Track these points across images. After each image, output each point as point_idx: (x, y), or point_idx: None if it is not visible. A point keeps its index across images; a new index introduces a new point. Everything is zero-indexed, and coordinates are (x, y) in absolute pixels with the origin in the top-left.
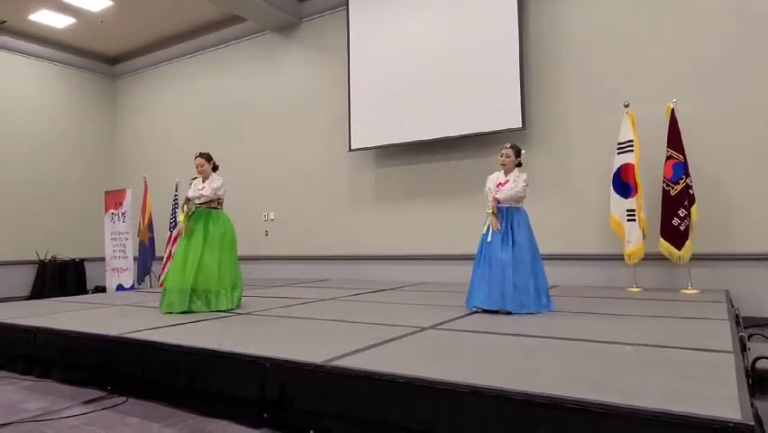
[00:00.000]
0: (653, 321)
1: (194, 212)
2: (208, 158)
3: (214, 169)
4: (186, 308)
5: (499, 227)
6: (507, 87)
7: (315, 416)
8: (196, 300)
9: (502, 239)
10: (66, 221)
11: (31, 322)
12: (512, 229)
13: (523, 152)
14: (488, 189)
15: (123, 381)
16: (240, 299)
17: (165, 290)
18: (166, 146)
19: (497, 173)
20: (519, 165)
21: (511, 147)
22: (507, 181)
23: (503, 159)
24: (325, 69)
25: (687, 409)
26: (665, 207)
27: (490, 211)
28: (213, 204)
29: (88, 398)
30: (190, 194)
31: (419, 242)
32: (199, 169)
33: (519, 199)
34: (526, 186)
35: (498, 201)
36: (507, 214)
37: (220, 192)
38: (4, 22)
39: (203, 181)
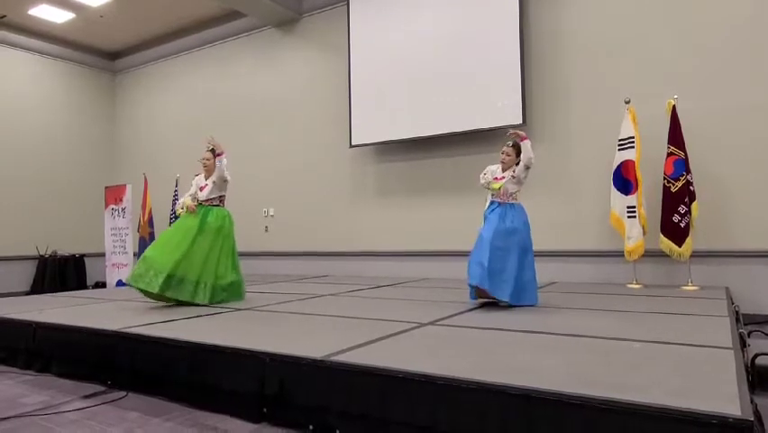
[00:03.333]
0: (652, 318)
1: (197, 206)
2: (217, 154)
3: None
4: (156, 290)
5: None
6: (507, 82)
7: (315, 411)
8: (174, 286)
9: (497, 221)
10: (66, 216)
11: (31, 317)
12: (504, 220)
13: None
14: (483, 176)
15: (123, 375)
16: (241, 292)
17: (140, 259)
18: (166, 142)
19: (496, 165)
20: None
21: (513, 146)
22: (504, 177)
23: (503, 156)
24: (326, 64)
25: (687, 405)
26: (666, 203)
27: (497, 186)
28: (215, 201)
29: (88, 392)
30: (192, 191)
31: (420, 238)
32: (205, 162)
33: (523, 179)
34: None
35: (523, 137)
36: (503, 207)
37: (227, 178)
38: (4, 16)
39: (206, 178)
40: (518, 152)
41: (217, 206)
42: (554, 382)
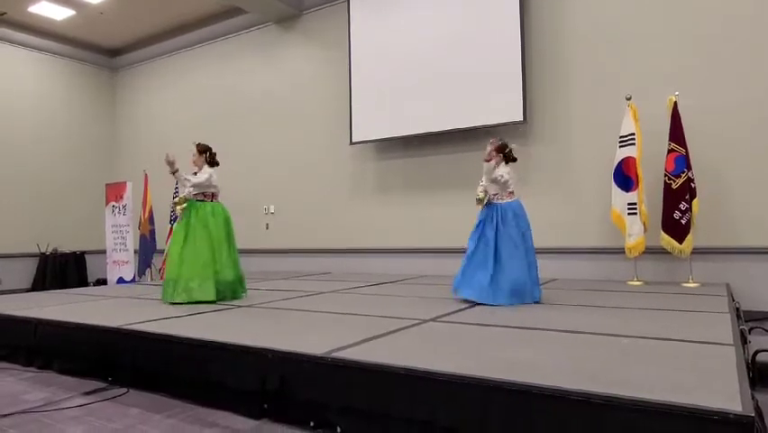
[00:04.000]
0: (653, 314)
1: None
2: (201, 150)
3: (212, 164)
4: (170, 299)
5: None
6: (508, 79)
7: (316, 407)
8: (181, 292)
9: (480, 229)
10: (67, 214)
11: (32, 314)
12: (486, 226)
13: (511, 145)
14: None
15: (124, 372)
16: (241, 290)
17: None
18: (166, 139)
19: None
20: (514, 160)
21: (491, 143)
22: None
23: (486, 157)
24: (327, 61)
25: (687, 401)
26: (667, 200)
27: (480, 197)
28: (199, 196)
29: (90, 389)
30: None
31: (421, 235)
32: (192, 159)
33: (501, 185)
34: (506, 178)
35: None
36: (489, 209)
37: (193, 183)
38: (4, 13)
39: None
40: (498, 150)
41: (202, 201)
42: (556, 379)
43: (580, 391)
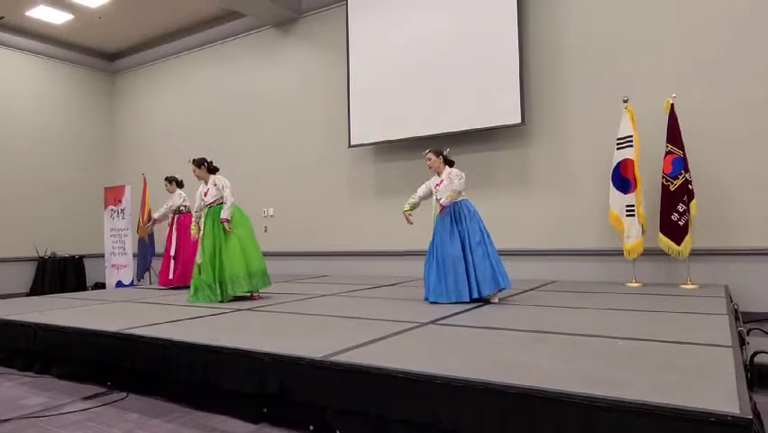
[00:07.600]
0: (651, 316)
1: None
2: (198, 163)
3: (212, 171)
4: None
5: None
6: (506, 82)
7: (315, 411)
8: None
9: (450, 234)
10: (65, 217)
11: (30, 318)
12: (456, 222)
13: (445, 151)
14: (425, 187)
15: (123, 376)
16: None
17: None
18: (165, 142)
19: (433, 178)
20: (451, 164)
21: (430, 151)
22: (442, 181)
23: (429, 163)
24: (325, 64)
25: (685, 403)
26: (664, 202)
27: (440, 208)
28: (220, 200)
29: (89, 394)
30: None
31: (419, 237)
32: (194, 174)
33: (459, 194)
34: (461, 180)
35: (443, 207)
36: (451, 209)
37: (233, 200)
38: (2, 18)
39: (206, 184)
40: (437, 154)
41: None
42: (554, 381)
43: (577, 393)
